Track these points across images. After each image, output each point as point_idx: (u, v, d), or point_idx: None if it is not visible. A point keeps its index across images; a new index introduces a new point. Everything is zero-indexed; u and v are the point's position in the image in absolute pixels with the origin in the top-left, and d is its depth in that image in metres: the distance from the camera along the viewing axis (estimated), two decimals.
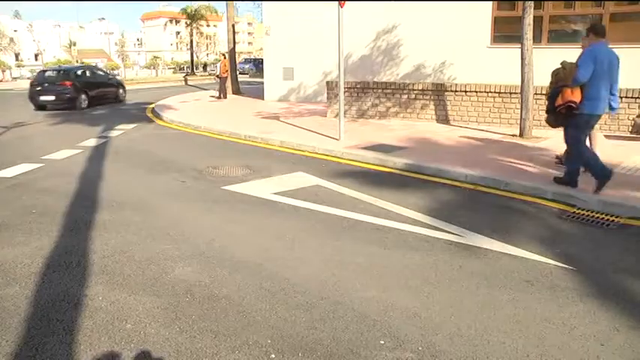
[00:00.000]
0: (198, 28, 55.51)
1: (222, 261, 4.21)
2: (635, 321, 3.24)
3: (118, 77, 27.58)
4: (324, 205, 5.71)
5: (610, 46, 5.72)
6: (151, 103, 18.20)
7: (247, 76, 42.94)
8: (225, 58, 21.41)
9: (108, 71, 28.52)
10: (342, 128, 9.36)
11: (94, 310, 3.42)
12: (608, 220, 5.16)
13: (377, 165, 7.78)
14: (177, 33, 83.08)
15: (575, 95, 5.75)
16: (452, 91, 11.23)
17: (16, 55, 79.09)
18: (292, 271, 4.02)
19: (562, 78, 6.22)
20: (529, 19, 9.06)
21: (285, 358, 2.89)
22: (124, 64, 61.58)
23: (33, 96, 17.82)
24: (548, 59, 11.49)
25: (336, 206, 5.65)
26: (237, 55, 26.95)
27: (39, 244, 4.60)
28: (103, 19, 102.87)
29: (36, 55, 76.14)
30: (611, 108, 6.10)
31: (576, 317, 3.29)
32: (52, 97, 17.54)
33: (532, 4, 9.05)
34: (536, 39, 12.10)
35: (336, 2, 8.90)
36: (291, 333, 3.13)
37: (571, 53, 11.90)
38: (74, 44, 44.04)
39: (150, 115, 15.25)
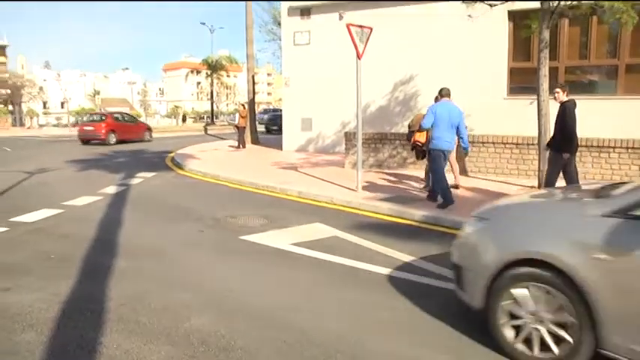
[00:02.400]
0: (218, 78, 56.86)
1: (238, 311, 4.16)
2: None
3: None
4: (341, 256, 5.66)
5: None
6: (171, 152, 18.51)
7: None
8: (244, 108, 21.65)
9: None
10: (360, 179, 9.38)
11: (108, 358, 3.38)
12: None
13: (395, 216, 7.73)
14: (198, 83, 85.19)
15: (421, 137, 8.30)
16: (469, 142, 11.24)
17: (44, 103, 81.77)
18: (309, 323, 3.96)
19: (411, 125, 8.80)
20: (544, 71, 9.12)
21: None
22: (145, 113, 63.13)
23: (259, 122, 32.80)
24: None
25: (353, 258, 5.60)
26: (256, 105, 27.44)
27: (56, 290, 4.61)
28: (127, 69, 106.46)
29: (62, 104, 78.57)
30: (464, 148, 8.46)
31: None
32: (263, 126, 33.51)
33: (547, 55, 9.14)
34: (552, 90, 12.19)
35: (355, 54, 9.12)
36: None
37: (587, 104, 11.99)
38: (98, 93, 45.55)
39: (169, 163, 15.50)
